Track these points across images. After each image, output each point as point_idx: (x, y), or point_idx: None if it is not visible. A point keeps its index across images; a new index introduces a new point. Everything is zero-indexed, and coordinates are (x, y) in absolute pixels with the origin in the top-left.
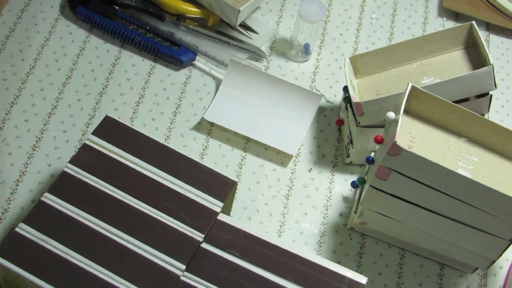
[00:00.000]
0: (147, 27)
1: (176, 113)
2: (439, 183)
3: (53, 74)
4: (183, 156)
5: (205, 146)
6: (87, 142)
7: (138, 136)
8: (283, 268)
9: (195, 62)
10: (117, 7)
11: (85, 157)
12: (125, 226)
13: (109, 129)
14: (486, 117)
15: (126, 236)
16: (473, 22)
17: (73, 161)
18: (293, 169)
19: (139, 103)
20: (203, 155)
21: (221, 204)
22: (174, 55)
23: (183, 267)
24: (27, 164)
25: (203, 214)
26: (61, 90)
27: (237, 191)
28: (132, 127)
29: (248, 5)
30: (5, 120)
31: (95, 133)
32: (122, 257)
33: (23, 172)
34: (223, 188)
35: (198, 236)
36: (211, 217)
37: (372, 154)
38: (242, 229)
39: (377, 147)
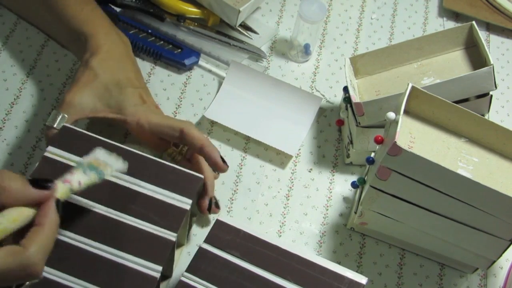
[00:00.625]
0: (149, 30)
1: (176, 113)
2: (439, 183)
3: (53, 74)
4: (145, 157)
5: None
6: (47, 154)
7: (96, 142)
8: (283, 269)
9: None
10: (118, 9)
11: (46, 169)
12: (95, 234)
13: (67, 138)
14: (486, 117)
15: (98, 244)
16: (473, 22)
17: (35, 174)
18: (293, 170)
19: None
20: None
21: (190, 201)
22: (177, 59)
23: (160, 268)
24: (27, 164)
25: (173, 213)
26: (61, 91)
27: (237, 191)
28: (89, 133)
29: (248, 5)
30: (5, 120)
31: (53, 144)
32: (97, 266)
33: (23, 173)
34: (190, 185)
35: (170, 235)
36: (181, 215)
37: (372, 155)
38: (242, 229)
39: (377, 147)
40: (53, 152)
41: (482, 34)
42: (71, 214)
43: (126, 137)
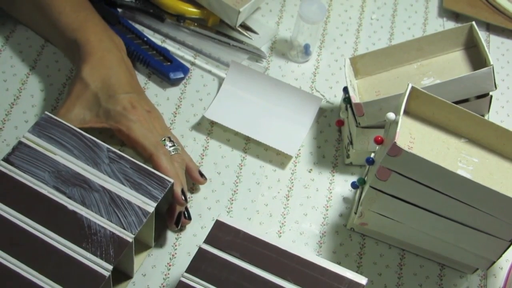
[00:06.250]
0: (145, 38)
1: (176, 113)
2: (439, 184)
3: (53, 75)
4: (125, 158)
5: (205, 147)
6: (23, 140)
7: (74, 134)
8: (283, 269)
9: (196, 62)
10: (119, 9)
11: (19, 154)
12: (52, 224)
13: (46, 127)
14: (486, 117)
15: (54, 234)
16: (473, 22)
17: (5, 157)
18: (293, 170)
19: None
20: (203, 155)
21: (155, 204)
22: (163, 70)
23: (110, 267)
24: None
25: (135, 214)
26: (61, 91)
27: (237, 191)
28: (69, 125)
29: (248, 5)
30: (5, 121)
31: (31, 131)
32: (48, 256)
33: None
34: (156, 187)
35: (127, 236)
36: (143, 216)
37: (372, 155)
38: (242, 229)
39: (377, 147)
40: (29, 139)
41: (482, 35)
42: (31, 201)
43: None
